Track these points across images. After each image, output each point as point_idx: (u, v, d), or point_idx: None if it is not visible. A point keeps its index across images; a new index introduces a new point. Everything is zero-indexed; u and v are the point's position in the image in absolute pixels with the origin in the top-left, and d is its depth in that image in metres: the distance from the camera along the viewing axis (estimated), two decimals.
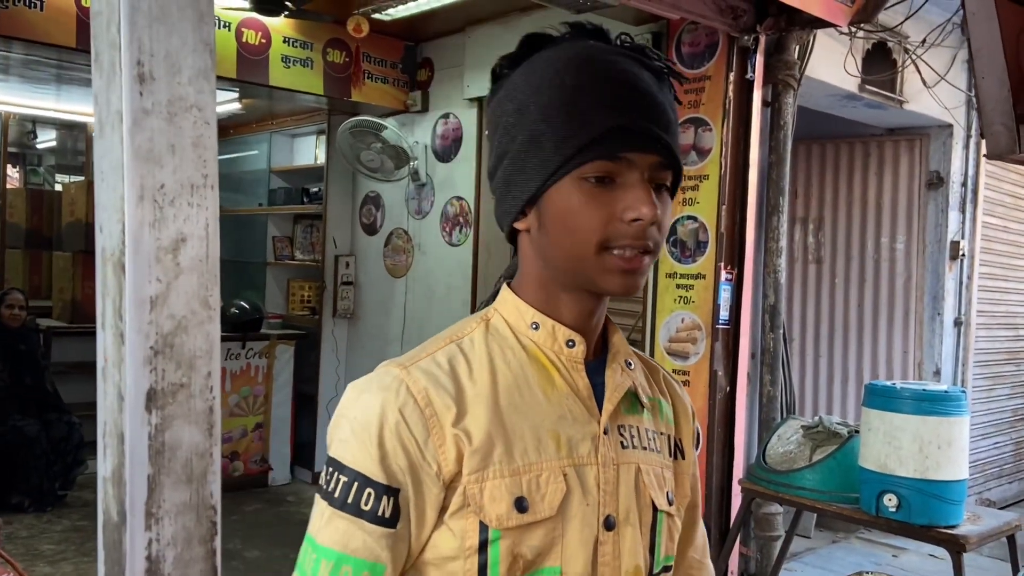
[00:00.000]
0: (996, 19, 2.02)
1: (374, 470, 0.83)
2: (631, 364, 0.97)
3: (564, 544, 0.87)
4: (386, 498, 0.83)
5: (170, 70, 0.70)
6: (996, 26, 2.02)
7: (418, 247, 5.44)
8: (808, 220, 5.54)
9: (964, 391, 2.81)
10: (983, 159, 5.29)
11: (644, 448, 0.95)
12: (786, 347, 4.20)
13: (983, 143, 3.42)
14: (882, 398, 2.78)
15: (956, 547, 2.66)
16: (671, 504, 0.97)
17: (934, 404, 2.69)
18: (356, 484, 0.84)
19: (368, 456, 0.84)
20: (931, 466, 2.66)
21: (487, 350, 0.91)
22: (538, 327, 0.92)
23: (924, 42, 4.58)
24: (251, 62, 4.64)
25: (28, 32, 3.86)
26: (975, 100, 3.85)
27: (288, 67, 4.80)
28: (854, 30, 4.17)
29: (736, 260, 3.83)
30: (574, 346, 0.92)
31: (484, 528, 0.84)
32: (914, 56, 4.61)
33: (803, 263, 5.56)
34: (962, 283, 5.31)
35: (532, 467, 0.86)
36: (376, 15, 4.60)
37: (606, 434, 0.91)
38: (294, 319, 6.26)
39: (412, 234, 5.48)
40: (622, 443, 0.93)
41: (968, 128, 5.23)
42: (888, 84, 4.58)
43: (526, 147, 0.87)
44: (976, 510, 2.97)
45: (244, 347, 5.71)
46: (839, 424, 3.15)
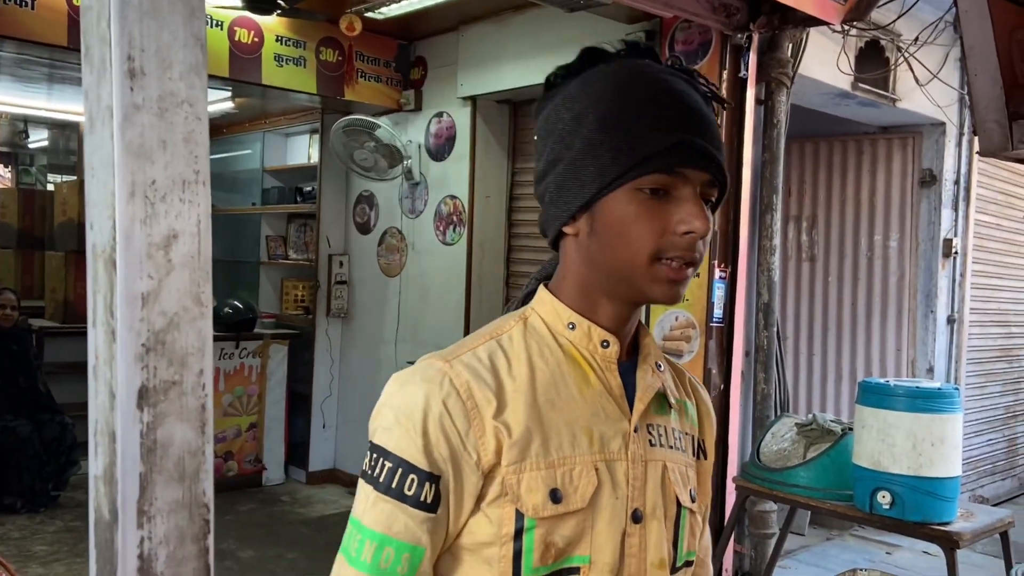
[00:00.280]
0: (989, 17, 2.03)
1: (418, 457, 0.88)
2: (660, 366, 1.01)
3: (594, 534, 0.91)
4: (428, 484, 0.87)
5: (161, 65, 0.69)
6: (989, 23, 2.03)
7: (412, 246, 5.43)
8: (801, 218, 5.55)
9: (957, 388, 2.81)
10: (976, 157, 5.30)
11: (671, 447, 0.99)
12: (780, 345, 4.21)
13: (976, 140, 3.43)
14: (876, 395, 2.79)
15: (949, 544, 2.66)
16: (694, 501, 1.01)
17: (927, 401, 2.70)
18: (400, 470, 0.88)
19: (412, 444, 0.88)
20: (924, 463, 2.67)
21: (525, 347, 0.95)
22: (574, 327, 0.96)
23: (917, 40, 4.59)
24: (244, 61, 4.63)
25: (19, 31, 3.84)
26: (968, 98, 3.85)
27: (281, 66, 4.79)
28: (847, 28, 4.17)
29: (730, 258, 3.84)
30: (608, 347, 0.96)
31: (520, 516, 0.88)
32: (907, 54, 4.62)
33: (797, 261, 5.56)
34: (955, 281, 5.33)
35: (566, 461, 0.90)
36: (369, 14, 4.59)
37: (636, 432, 0.95)
38: (288, 319, 6.24)
39: (406, 233, 5.48)
40: (650, 441, 0.97)
41: (961, 126, 5.25)
42: (881, 82, 4.59)
43: (583, 155, 0.90)
44: (969, 507, 2.98)
45: (238, 347, 5.70)
46: (833, 422, 3.16)
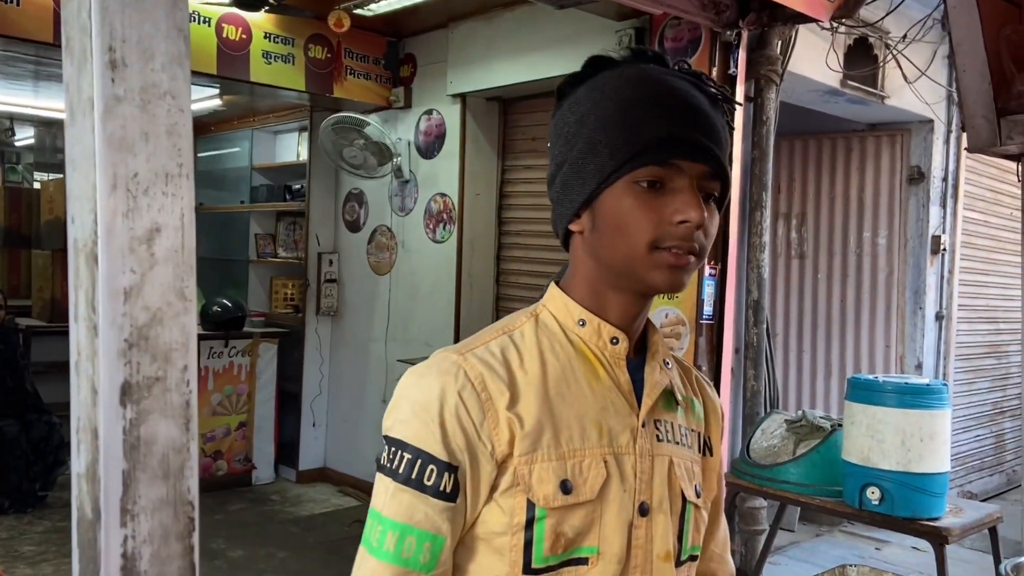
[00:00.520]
0: (977, 12, 2.03)
1: (436, 448, 0.90)
2: (668, 364, 1.04)
3: (602, 525, 0.93)
4: (447, 474, 0.90)
5: (143, 56, 0.68)
6: (977, 19, 2.04)
7: (402, 244, 5.42)
8: (791, 215, 5.57)
9: (946, 384, 2.82)
10: (964, 154, 5.32)
11: (677, 443, 1.02)
12: (770, 342, 4.22)
13: (964, 137, 3.44)
14: (865, 392, 2.79)
15: (938, 539, 2.67)
16: (698, 496, 1.03)
17: (916, 397, 2.71)
18: (419, 461, 0.90)
19: (430, 435, 0.90)
20: (913, 459, 2.68)
21: (537, 343, 0.98)
22: (585, 324, 0.98)
23: (905, 38, 4.60)
24: (232, 58, 4.60)
25: (5, 28, 3.80)
26: (956, 94, 3.87)
27: (269, 63, 4.76)
28: (836, 25, 4.18)
29: (719, 255, 3.84)
30: (618, 343, 0.98)
31: (531, 506, 0.91)
32: (895, 52, 4.63)
33: (786, 258, 5.58)
34: (943, 277, 5.35)
35: (576, 453, 0.93)
36: (358, 10, 4.56)
37: (644, 427, 0.98)
38: (277, 317, 6.21)
39: (395, 231, 5.46)
40: (657, 436, 0.99)
41: (949, 123, 5.27)
42: (869, 79, 4.60)
43: (584, 154, 0.94)
44: (958, 502, 2.99)
45: (227, 345, 5.67)
46: (822, 418, 3.16)
